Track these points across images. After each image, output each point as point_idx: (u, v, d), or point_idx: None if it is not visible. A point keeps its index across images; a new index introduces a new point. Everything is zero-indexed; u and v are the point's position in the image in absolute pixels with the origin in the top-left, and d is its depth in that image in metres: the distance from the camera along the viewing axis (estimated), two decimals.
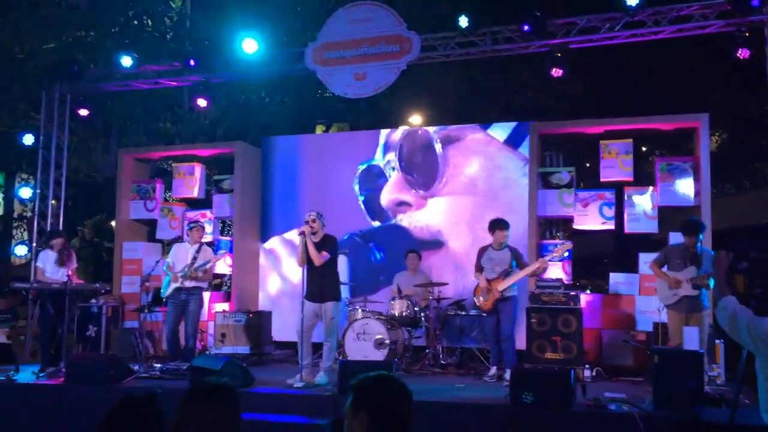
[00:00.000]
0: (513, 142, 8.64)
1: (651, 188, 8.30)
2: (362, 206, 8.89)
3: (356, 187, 9.10)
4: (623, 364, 7.51)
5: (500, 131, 8.71)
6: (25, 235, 17.28)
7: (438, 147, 8.43)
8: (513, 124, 8.76)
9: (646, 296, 7.89)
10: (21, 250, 10.37)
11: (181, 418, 2.27)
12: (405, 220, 8.48)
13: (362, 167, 9.08)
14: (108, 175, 13.95)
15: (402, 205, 8.67)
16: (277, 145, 10.29)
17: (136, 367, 6.93)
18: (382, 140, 9.12)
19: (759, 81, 8.01)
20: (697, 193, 8.06)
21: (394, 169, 8.64)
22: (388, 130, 9.36)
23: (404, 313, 7.70)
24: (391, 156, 8.66)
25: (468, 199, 8.51)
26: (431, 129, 8.73)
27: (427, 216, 8.55)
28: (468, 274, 7.95)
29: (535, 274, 7.35)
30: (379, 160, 8.97)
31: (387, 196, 8.85)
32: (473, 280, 7.34)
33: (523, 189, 8.46)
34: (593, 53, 10.37)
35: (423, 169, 8.60)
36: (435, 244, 8.42)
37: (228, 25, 11.00)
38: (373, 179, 8.94)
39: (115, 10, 12.28)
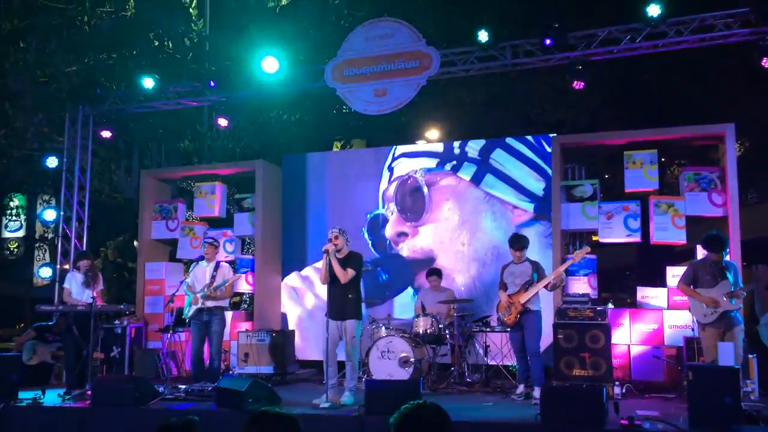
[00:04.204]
0: (476, 180, 9.25)
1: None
2: (371, 249, 9.61)
3: (366, 234, 9.68)
4: (653, 381, 7.37)
5: (466, 173, 9.30)
6: (47, 257, 17.47)
7: (425, 188, 9.43)
8: (474, 168, 9.31)
9: (675, 310, 7.75)
10: (45, 272, 10.47)
11: None
12: (404, 247, 9.50)
13: (370, 216, 9.74)
14: (129, 195, 14.05)
15: (402, 236, 9.51)
16: (297, 162, 10.31)
17: (161, 389, 6.89)
18: (380, 192, 9.79)
19: None
20: (724, 203, 7.94)
21: (392, 212, 9.61)
22: (386, 184, 9.75)
23: (428, 331, 7.62)
24: (390, 205, 9.67)
25: (446, 224, 9.38)
26: (418, 175, 9.49)
27: (419, 240, 9.48)
28: (450, 276, 9.02)
29: (555, 286, 7.22)
30: (381, 210, 9.77)
31: (390, 231, 9.58)
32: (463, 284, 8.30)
33: (484, 215, 9.18)
34: (613, 64, 10.30)
35: (414, 207, 9.55)
36: (428, 261, 9.34)
37: (247, 45, 11.06)
38: (379, 227, 9.73)
39: (137, 32, 12.40)
